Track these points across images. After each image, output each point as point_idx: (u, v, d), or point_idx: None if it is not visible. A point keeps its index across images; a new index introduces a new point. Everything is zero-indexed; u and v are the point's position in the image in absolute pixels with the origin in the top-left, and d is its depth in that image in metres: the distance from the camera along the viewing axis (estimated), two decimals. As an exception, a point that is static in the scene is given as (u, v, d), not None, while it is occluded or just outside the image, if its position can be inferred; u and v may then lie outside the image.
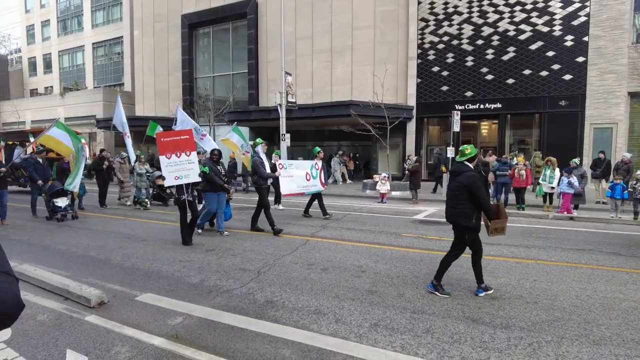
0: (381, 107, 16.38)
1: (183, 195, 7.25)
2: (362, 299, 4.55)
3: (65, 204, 10.10)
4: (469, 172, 4.64)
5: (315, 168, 10.10)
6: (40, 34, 42.71)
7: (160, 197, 12.88)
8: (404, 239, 7.67)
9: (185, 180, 7.19)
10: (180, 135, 7.33)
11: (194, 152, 7.28)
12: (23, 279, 5.28)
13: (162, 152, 7.09)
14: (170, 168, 7.12)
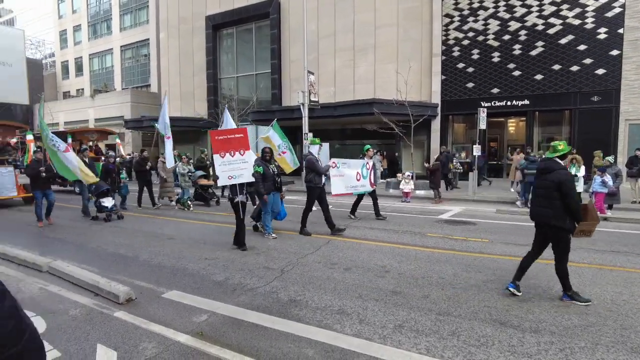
0: (405, 105, 16.19)
1: (237, 197, 6.94)
2: (386, 299, 4.49)
3: (111, 204, 10.14)
4: (561, 169, 4.36)
5: (366, 167, 9.70)
6: (72, 39, 44.21)
7: (202, 197, 12.77)
8: (429, 239, 7.55)
9: (239, 180, 6.92)
10: (235, 134, 7.04)
11: (248, 151, 7.00)
12: (57, 274, 5.50)
13: (216, 151, 6.85)
14: (223, 167, 6.85)
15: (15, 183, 12.69)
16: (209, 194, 12.78)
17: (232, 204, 7.07)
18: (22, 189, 12.83)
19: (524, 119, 19.31)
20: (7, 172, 12.50)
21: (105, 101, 34.42)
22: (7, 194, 12.40)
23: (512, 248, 6.81)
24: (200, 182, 12.75)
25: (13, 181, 12.62)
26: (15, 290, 4.99)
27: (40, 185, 9.43)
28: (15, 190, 12.65)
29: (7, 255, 6.41)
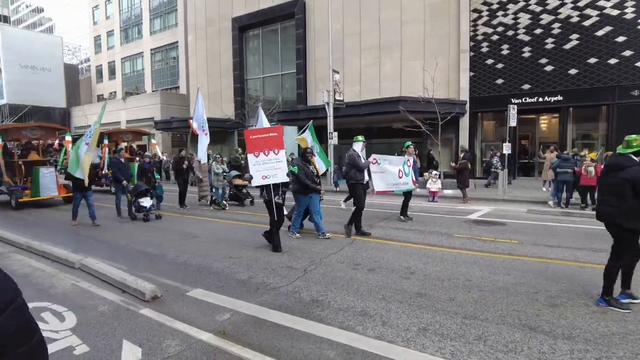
0: (432, 102, 15.89)
1: (273, 197, 6.74)
2: (410, 301, 4.40)
3: (149, 204, 10.18)
4: (635, 166, 4.06)
5: (407, 164, 9.34)
6: (106, 44, 45.85)
7: (236, 197, 12.68)
8: (456, 240, 7.36)
9: (273, 180, 6.70)
10: (269, 133, 6.86)
11: (282, 151, 6.82)
12: (88, 271, 5.67)
13: (251, 150, 6.72)
14: (258, 167, 6.70)
15: (57, 183, 13.06)
16: (243, 194, 12.70)
17: (267, 205, 6.92)
18: (63, 189, 13.24)
19: (556, 116, 18.59)
20: (49, 172, 12.86)
21: (136, 103, 35.49)
22: (49, 194, 12.75)
23: (543, 250, 6.55)
24: (234, 182, 12.66)
25: (54, 181, 12.97)
26: (49, 285, 5.19)
27: (79, 187, 9.44)
28: (57, 190, 13.01)
29: (44, 251, 6.67)
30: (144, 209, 10.01)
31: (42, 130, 13.90)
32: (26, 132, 13.57)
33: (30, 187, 12.93)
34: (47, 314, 4.24)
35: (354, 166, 7.90)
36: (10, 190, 12.69)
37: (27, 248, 7.03)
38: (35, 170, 12.69)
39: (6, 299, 1.00)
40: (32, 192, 12.70)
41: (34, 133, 13.63)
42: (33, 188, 12.73)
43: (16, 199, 12.30)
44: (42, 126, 14.36)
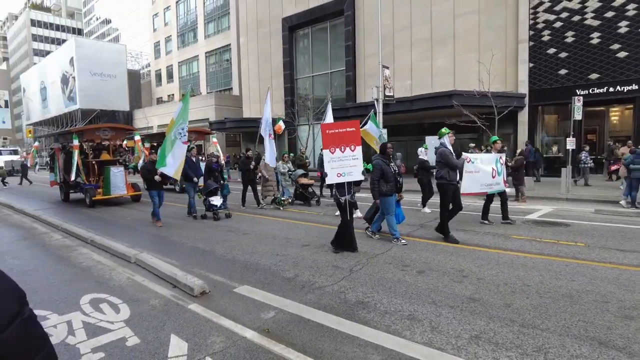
0: (488, 96, 15.11)
1: (344, 196, 6.44)
2: (462, 306, 4.14)
3: (219, 202, 10.14)
4: None
5: (499, 162, 8.52)
6: (164, 49, 48.37)
7: (302, 196, 12.32)
8: (513, 242, 6.88)
9: (348, 178, 6.41)
10: (346, 128, 6.44)
11: (359, 147, 6.45)
12: (142, 266, 5.93)
13: (326, 146, 6.40)
14: (333, 164, 6.38)
15: (125, 182, 13.65)
16: (309, 193, 12.32)
17: (339, 204, 6.58)
18: (131, 188, 13.93)
19: (630, 107, 16.97)
20: (119, 171, 13.44)
21: (191, 105, 36.65)
22: (118, 192, 13.35)
23: (613, 254, 5.94)
24: (300, 181, 12.35)
25: (124, 180, 13.56)
26: (108, 278, 5.48)
27: (155, 185, 9.54)
28: (125, 188, 13.59)
29: (104, 246, 7.09)
30: (214, 208, 10.02)
31: (113, 131, 14.60)
32: (99, 132, 14.22)
33: (102, 185, 13.60)
34: (104, 305, 4.46)
35: (446, 164, 7.13)
36: (85, 188, 13.42)
37: (91, 242, 7.51)
38: (106, 170, 13.33)
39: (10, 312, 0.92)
40: (104, 191, 13.34)
41: (105, 134, 14.28)
42: (104, 186, 13.38)
43: (90, 197, 12.95)
44: (114, 127, 15.10)
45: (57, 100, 52.36)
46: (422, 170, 10.59)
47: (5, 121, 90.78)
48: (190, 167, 10.52)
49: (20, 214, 11.94)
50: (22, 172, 25.40)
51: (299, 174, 12.50)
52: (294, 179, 12.43)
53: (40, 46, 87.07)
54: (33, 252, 7.20)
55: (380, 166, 6.86)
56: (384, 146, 7.08)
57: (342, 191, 6.47)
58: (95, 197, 12.99)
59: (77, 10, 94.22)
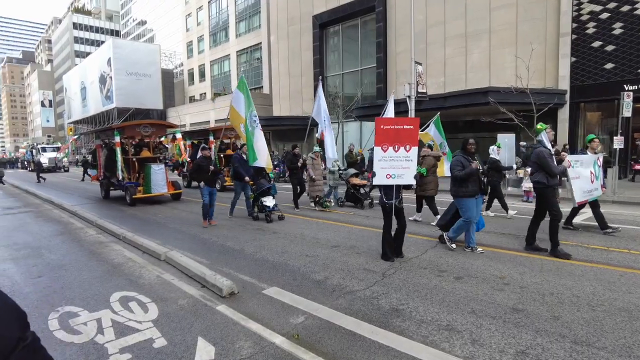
0: (526, 93, 14.42)
1: (391, 200, 5.82)
2: (504, 317, 3.84)
3: (272, 204, 9.53)
4: None
5: (597, 164, 7.60)
6: (197, 48, 49.29)
7: (354, 197, 11.38)
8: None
9: (398, 181, 5.74)
10: (404, 124, 5.70)
11: (414, 148, 5.72)
12: (171, 264, 5.91)
13: (379, 143, 5.71)
14: (383, 163, 5.71)
15: (166, 180, 13.26)
16: (362, 195, 11.31)
17: (384, 208, 5.93)
18: (172, 186, 13.62)
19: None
20: (160, 169, 13.05)
21: (223, 103, 37.53)
22: (159, 191, 12.98)
23: (674, 263, 5.44)
24: (352, 181, 11.43)
25: (164, 178, 13.14)
26: (138, 275, 5.48)
27: (207, 181, 9.02)
28: (166, 187, 13.23)
29: (135, 243, 7.14)
30: (267, 209, 9.44)
31: (154, 127, 14.24)
32: (140, 129, 13.83)
33: (142, 183, 13.31)
34: (133, 304, 4.43)
35: (544, 169, 6.05)
36: (126, 186, 13.11)
37: (123, 239, 7.60)
38: (147, 167, 13.02)
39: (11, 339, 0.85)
40: (144, 189, 13.04)
41: (146, 130, 13.90)
42: (145, 185, 13.08)
43: (131, 195, 12.69)
44: (154, 123, 14.66)
45: (95, 99, 54.38)
46: (493, 171, 9.41)
47: (50, 120, 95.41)
48: (242, 165, 9.91)
49: (59, 209, 12.34)
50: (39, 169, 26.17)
51: (350, 173, 11.62)
52: (345, 179, 11.56)
53: (81, 48, 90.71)
54: (68, 247, 7.36)
55: (461, 162, 6.04)
56: (466, 141, 6.25)
57: (389, 194, 5.81)
58: (136, 196, 12.72)
59: (115, 13, 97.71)
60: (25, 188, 19.75)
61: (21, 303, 3.97)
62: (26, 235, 8.56)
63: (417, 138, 5.81)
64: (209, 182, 9.05)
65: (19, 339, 0.86)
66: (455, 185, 6.18)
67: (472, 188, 6.05)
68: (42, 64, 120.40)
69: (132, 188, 12.84)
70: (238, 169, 9.87)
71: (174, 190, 13.64)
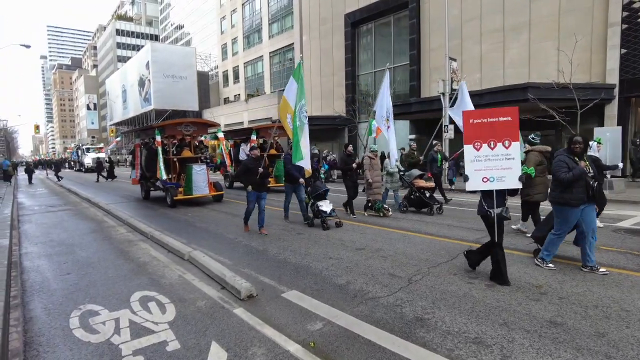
0: (569, 88, 13.58)
1: (493, 209, 4.84)
2: (541, 331, 3.48)
3: (329, 208, 8.56)
4: None
5: None
6: (231, 50, 50.19)
7: (419, 202, 10.08)
8: (603, 254, 5.89)
9: (498, 185, 4.81)
10: (499, 116, 4.79)
11: (515, 143, 4.76)
12: (194, 263, 5.87)
13: (469, 140, 4.89)
14: (477, 164, 4.86)
15: (208, 181, 12.76)
16: (429, 199, 10.00)
17: (486, 219, 5.02)
18: (213, 188, 13.14)
19: None
20: (201, 170, 12.52)
21: (256, 104, 38.00)
22: (201, 192, 12.45)
23: None
24: (417, 184, 10.16)
25: (206, 179, 12.62)
26: (161, 275, 5.46)
27: (256, 186, 8.03)
28: (208, 188, 12.72)
29: (161, 241, 7.19)
30: (323, 214, 8.47)
31: (195, 126, 13.67)
32: (181, 128, 13.29)
33: (183, 184, 12.89)
34: (152, 304, 4.39)
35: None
36: (166, 187, 12.66)
37: (150, 237, 7.68)
38: (188, 168, 12.52)
39: None
40: (185, 190, 12.56)
41: (187, 129, 13.37)
42: (186, 186, 12.61)
43: (171, 197, 12.19)
44: (195, 122, 14.12)
45: (135, 102, 56.55)
46: None
47: (94, 122, 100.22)
48: (295, 166, 8.79)
49: (95, 207, 12.76)
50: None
51: (415, 174, 10.35)
52: (409, 182, 10.29)
53: (123, 53, 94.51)
54: (99, 244, 7.51)
55: (566, 163, 4.98)
56: (570, 140, 5.21)
57: (490, 201, 4.90)
58: (177, 197, 12.22)
59: (155, 18, 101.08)
60: (68, 187, 20.68)
61: (48, 300, 4.02)
62: (62, 232, 8.86)
63: (517, 131, 4.82)
64: (258, 186, 8.06)
65: None
66: (557, 190, 5.12)
67: (578, 195, 4.96)
68: (88, 69, 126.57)
69: (173, 189, 12.38)
70: (291, 170, 8.95)
71: (215, 191, 13.17)
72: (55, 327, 3.93)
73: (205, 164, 13.18)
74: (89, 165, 37.91)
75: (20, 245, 7.69)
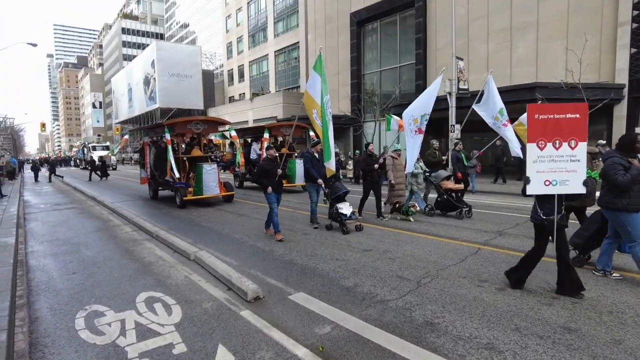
0: (578, 88, 13.43)
1: (553, 216, 4.38)
2: (554, 337, 3.40)
3: (349, 211, 8.05)
4: None
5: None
6: (236, 49, 50.18)
7: (448, 205, 9.44)
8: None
9: (562, 189, 4.38)
10: (567, 112, 4.33)
11: (582, 144, 4.35)
12: (200, 264, 5.83)
13: (533, 137, 4.40)
14: (540, 165, 4.39)
15: (218, 181, 12.33)
16: (457, 200, 9.38)
17: (540, 226, 4.53)
18: (224, 187, 12.66)
19: None
20: (212, 169, 12.04)
21: (261, 103, 37.93)
22: (211, 192, 12.00)
23: None
24: (445, 186, 9.54)
25: (217, 179, 12.19)
26: (166, 275, 5.42)
27: (275, 187, 7.53)
28: (219, 188, 12.28)
29: (167, 241, 7.15)
30: (343, 217, 7.95)
31: (205, 124, 13.16)
32: (191, 126, 12.80)
33: (192, 184, 12.49)
34: (158, 306, 4.35)
35: None
36: (176, 187, 12.23)
37: (156, 237, 7.65)
38: (198, 167, 12.02)
39: None
40: (195, 190, 12.11)
41: (197, 127, 12.91)
42: (196, 186, 12.15)
43: (181, 197, 11.75)
44: (206, 120, 13.62)
45: (140, 100, 56.72)
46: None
47: (99, 120, 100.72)
48: (315, 165, 8.34)
49: (101, 205, 12.76)
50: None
51: (443, 175, 9.74)
52: (436, 183, 9.68)
53: (129, 51, 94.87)
54: (104, 244, 7.49)
55: (621, 164, 4.57)
56: (633, 138, 4.71)
57: (547, 206, 4.42)
58: (187, 197, 11.82)
59: (160, 17, 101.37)
60: (74, 185, 20.74)
61: (53, 300, 3.97)
62: (68, 230, 8.85)
63: (585, 130, 4.38)
64: (277, 187, 7.60)
65: None
66: (610, 194, 4.69)
67: (637, 199, 4.56)
68: (94, 67, 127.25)
69: (183, 189, 11.92)
70: (310, 170, 8.31)
71: (225, 191, 12.69)
72: (61, 328, 3.89)
73: (215, 163, 12.72)
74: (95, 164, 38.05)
75: (26, 243, 7.69)
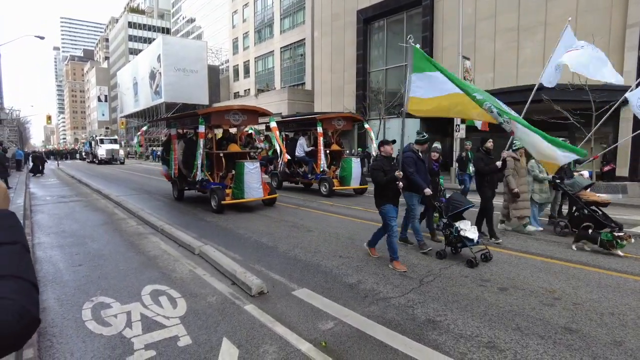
0: (584, 89, 13.36)
1: None
2: (555, 338, 3.43)
3: (476, 236, 5.73)
4: None
5: None
6: (242, 45, 50.18)
7: (593, 221, 6.61)
8: (621, 261, 5.78)
9: None
10: None
11: None
12: (204, 258, 5.88)
13: None
14: None
15: (262, 181, 10.57)
16: (605, 219, 6.70)
17: None
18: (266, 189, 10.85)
19: None
20: (254, 168, 10.20)
21: (266, 99, 37.95)
22: (254, 195, 10.23)
23: None
24: (588, 198, 7.16)
25: (260, 179, 10.42)
26: (171, 269, 5.48)
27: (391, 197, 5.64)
28: (262, 190, 10.48)
29: (172, 235, 7.22)
30: (469, 243, 5.63)
31: (245, 115, 10.97)
32: (229, 116, 10.66)
33: (230, 185, 10.65)
34: (163, 298, 4.41)
35: None
36: (211, 189, 10.37)
37: (161, 231, 7.71)
38: (239, 166, 10.13)
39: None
40: (234, 192, 10.27)
41: (236, 118, 10.78)
42: (235, 187, 10.28)
43: (218, 200, 9.94)
44: (246, 109, 11.21)
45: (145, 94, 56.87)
46: None
47: (105, 114, 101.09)
48: (419, 170, 6.26)
49: (106, 199, 12.85)
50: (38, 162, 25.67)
51: (583, 184, 7.39)
52: (573, 194, 7.28)
53: (135, 46, 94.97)
54: (110, 237, 7.57)
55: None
56: None
57: None
58: (225, 201, 10.00)
59: (167, 11, 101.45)
60: (79, 178, 20.88)
61: (60, 291, 4.04)
62: (74, 223, 8.94)
63: None
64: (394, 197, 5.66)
65: None
66: None
67: None
68: (100, 61, 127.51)
69: (220, 191, 10.15)
70: (413, 175, 6.08)
71: (267, 194, 10.85)
72: (68, 319, 3.96)
73: (258, 162, 10.74)
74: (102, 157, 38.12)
75: (33, 235, 7.77)
